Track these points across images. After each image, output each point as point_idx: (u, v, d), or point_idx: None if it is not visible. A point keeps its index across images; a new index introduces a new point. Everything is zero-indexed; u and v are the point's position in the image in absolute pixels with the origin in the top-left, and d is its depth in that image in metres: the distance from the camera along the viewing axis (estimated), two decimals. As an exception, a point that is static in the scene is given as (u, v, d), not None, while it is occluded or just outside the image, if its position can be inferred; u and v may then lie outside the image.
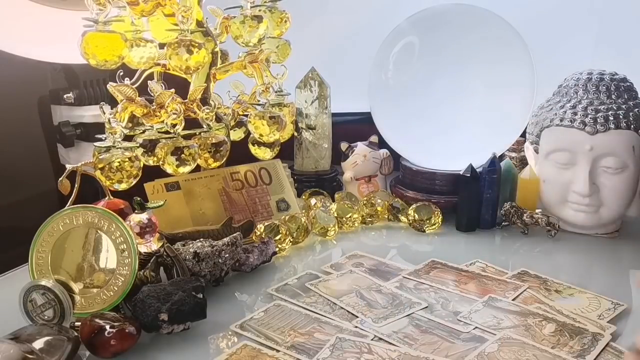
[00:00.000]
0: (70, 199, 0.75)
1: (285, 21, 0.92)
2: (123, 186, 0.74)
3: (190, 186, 0.85)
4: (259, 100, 0.91)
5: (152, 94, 0.82)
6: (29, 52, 0.89)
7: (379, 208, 0.96)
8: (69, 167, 0.76)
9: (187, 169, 0.79)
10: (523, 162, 1.03)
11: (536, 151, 0.93)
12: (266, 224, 0.84)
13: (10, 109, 1.03)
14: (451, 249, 0.87)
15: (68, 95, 0.98)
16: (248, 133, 0.92)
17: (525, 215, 0.90)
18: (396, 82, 0.96)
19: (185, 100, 0.82)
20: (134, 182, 0.75)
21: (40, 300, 0.62)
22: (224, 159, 0.85)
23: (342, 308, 0.67)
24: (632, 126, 0.84)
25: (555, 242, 0.89)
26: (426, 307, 0.68)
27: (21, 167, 1.06)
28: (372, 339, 0.61)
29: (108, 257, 0.65)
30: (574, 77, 0.91)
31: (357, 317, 0.66)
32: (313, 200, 0.96)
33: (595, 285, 0.73)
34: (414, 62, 0.94)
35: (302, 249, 0.87)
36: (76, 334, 0.59)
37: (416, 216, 0.92)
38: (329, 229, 0.90)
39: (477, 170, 0.91)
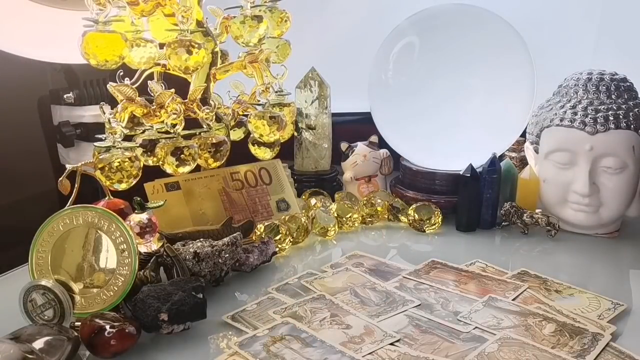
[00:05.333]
0: (70, 199, 0.75)
1: (285, 21, 0.92)
2: (123, 186, 0.74)
3: (190, 186, 0.85)
4: (259, 100, 0.91)
5: (152, 94, 0.82)
6: (29, 52, 0.89)
7: (379, 208, 0.96)
8: (69, 167, 0.76)
9: (187, 169, 0.79)
10: (523, 162, 1.03)
11: (536, 151, 0.93)
12: (266, 224, 0.84)
13: (10, 109, 1.03)
14: (451, 249, 0.86)
15: (68, 95, 0.98)
16: (248, 133, 0.92)
17: (525, 215, 0.90)
18: (396, 82, 0.96)
19: (185, 100, 0.82)
20: (134, 182, 0.75)
21: (40, 300, 0.62)
22: (224, 159, 0.85)
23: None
24: (632, 126, 0.84)
25: (555, 242, 0.89)
26: (419, 304, 0.68)
27: (21, 167, 1.06)
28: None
29: (108, 257, 0.65)
30: (574, 77, 0.91)
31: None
32: (313, 200, 0.96)
33: (595, 285, 0.73)
34: (414, 62, 0.94)
35: (302, 249, 0.87)
36: (76, 334, 0.59)
37: (416, 216, 0.92)
38: (329, 229, 0.90)
39: (477, 170, 0.91)
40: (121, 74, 0.80)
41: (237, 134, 0.95)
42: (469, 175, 0.91)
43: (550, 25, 1.13)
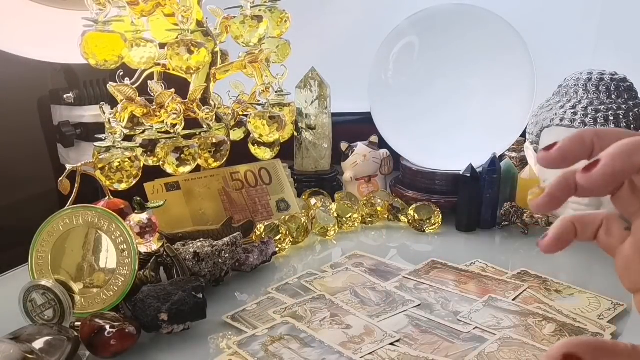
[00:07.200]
0: (70, 199, 0.75)
1: (285, 21, 0.92)
2: (123, 186, 0.74)
3: (190, 186, 0.85)
4: (259, 100, 0.91)
5: (152, 94, 0.82)
6: (29, 52, 0.89)
7: (379, 208, 0.96)
8: (69, 167, 0.76)
9: (187, 169, 0.79)
10: (523, 162, 1.03)
11: (536, 151, 0.93)
12: (266, 224, 0.84)
13: (10, 109, 1.02)
14: (451, 249, 0.86)
15: (68, 95, 0.98)
16: (248, 133, 0.92)
17: (525, 215, 0.90)
18: (396, 82, 0.96)
19: (185, 100, 0.82)
20: (134, 182, 0.75)
21: (40, 300, 0.62)
22: (224, 159, 0.85)
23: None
24: (632, 126, 0.84)
25: (555, 242, 0.88)
26: (419, 304, 0.68)
27: (21, 167, 1.06)
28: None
29: (108, 257, 0.65)
30: (574, 77, 0.91)
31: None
32: (313, 200, 0.96)
33: (595, 285, 0.73)
34: (414, 62, 0.94)
35: (302, 249, 0.87)
36: (76, 334, 0.59)
37: (416, 216, 0.92)
38: (329, 229, 0.90)
39: (477, 170, 0.91)
40: (121, 74, 0.80)
41: (237, 134, 0.95)
42: (469, 175, 0.91)
43: (550, 25, 1.13)
